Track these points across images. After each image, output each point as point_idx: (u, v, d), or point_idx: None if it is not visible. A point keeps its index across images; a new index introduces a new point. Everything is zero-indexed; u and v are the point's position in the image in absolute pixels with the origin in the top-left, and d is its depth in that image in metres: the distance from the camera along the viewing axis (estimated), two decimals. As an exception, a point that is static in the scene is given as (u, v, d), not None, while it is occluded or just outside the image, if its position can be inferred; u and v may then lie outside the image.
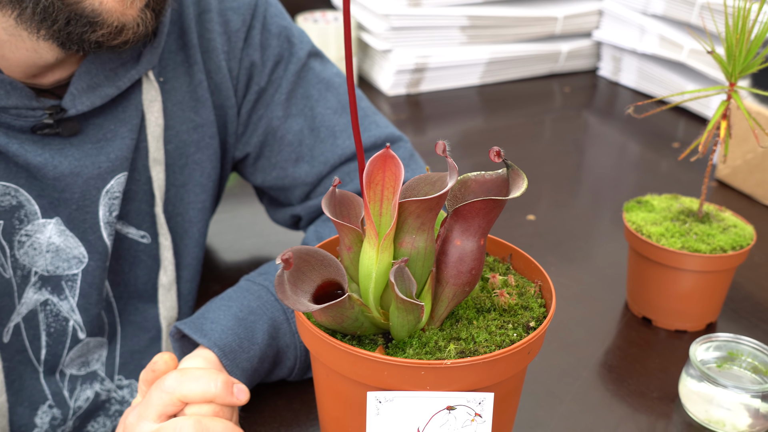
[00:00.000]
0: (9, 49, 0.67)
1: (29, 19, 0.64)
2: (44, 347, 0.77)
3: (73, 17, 0.63)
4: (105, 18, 0.64)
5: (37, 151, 0.70)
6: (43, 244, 0.74)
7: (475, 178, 0.61)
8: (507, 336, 0.59)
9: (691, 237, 0.81)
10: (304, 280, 0.57)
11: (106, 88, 0.72)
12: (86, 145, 0.73)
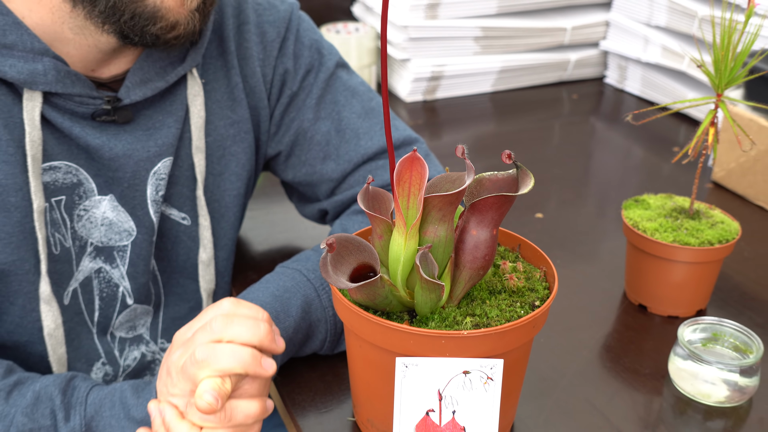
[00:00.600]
0: (74, 47, 0.78)
1: (98, 15, 0.74)
2: (97, 310, 0.87)
3: (137, 13, 0.74)
4: (163, 14, 0.74)
5: (95, 134, 0.80)
6: (98, 218, 0.84)
7: (489, 177, 0.70)
8: (515, 312, 0.68)
9: (682, 232, 0.91)
10: (342, 263, 0.67)
11: (156, 82, 0.82)
12: (138, 131, 0.83)
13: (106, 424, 0.73)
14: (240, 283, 0.99)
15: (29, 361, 0.84)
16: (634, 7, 1.67)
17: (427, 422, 0.67)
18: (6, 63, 0.74)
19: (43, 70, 0.75)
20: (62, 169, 0.80)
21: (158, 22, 0.74)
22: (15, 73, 0.74)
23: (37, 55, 0.75)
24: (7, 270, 0.78)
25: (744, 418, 0.81)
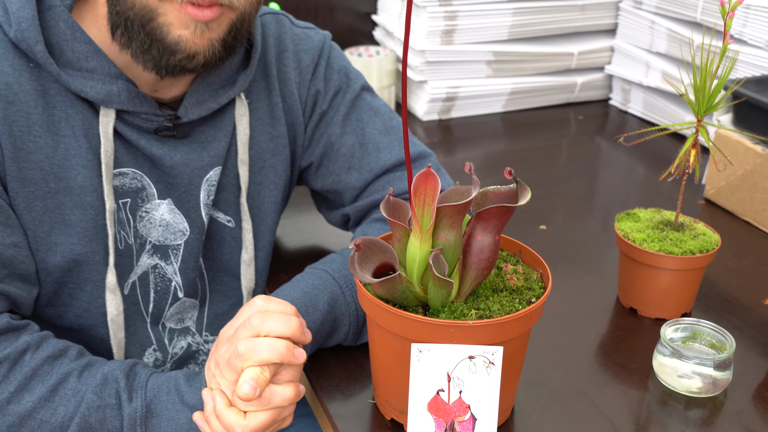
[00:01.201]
0: (137, 73, 0.91)
1: (137, 54, 0.86)
2: (152, 302, 0.99)
3: (162, 48, 0.85)
4: (182, 46, 0.85)
5: (158, 146, 0.93)
6: (157, 219, 0.96)
7: (492, 190, 0.82)
8: (514, 307, 0.79)
9: (667, 242, 1.02)
10: (367, 262, 0.78)
11: (209, 103, 0.95)
12: (193, 144, 0.95)
13: (163, 407, 0.84)
14: (272, 283, 1.11)
15: (92, 343, 0.96)
16: (637, 35, 1.79)
17: (437, 401, 0.78)
18: (87, 84, 0.86)
19: (117, 91, 0.88)
20: (129, 175, 0.93)
21: (179, 53, 0.85)
22: (95, 93, 0.87)
23: (112, 78, 0.88)
24: (81, 260, 0.90)
25: (720, 407, 0.91)
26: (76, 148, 0.88)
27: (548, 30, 1.84)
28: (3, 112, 0.84)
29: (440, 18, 1.71)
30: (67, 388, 0.83)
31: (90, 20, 0.89)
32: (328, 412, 0.89)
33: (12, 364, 0.82)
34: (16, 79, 0.85)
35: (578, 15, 1.84)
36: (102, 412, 0.83)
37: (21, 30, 0.84)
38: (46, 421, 0.82)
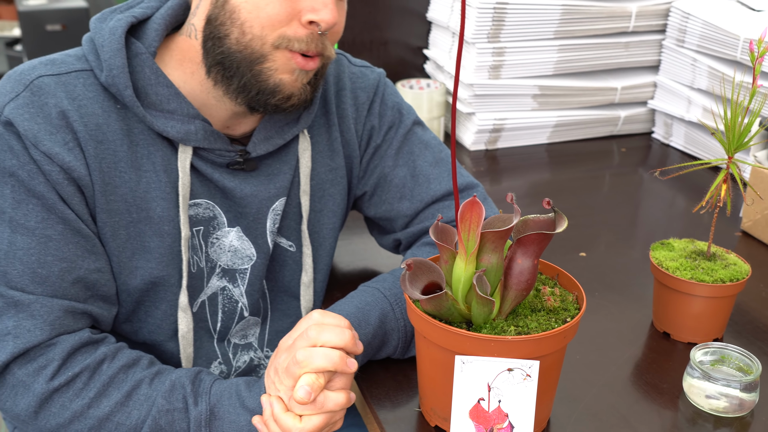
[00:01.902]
0: (215, 111, 1.00)
1: (233, 91, 0.96)
2: (219, 321, 1.08)
3: (262, 89, 0.95)
4: (281, 89, 0.95)
5: (230, 179, 1.02)
6: (227, 245, 1.06)
7: (532, 219, 0.90)
8: (550, 325, 0.87)
9: (698, 271, 1.08)
10: (417, 280, 0.87)
11: (276, 139, 1.04)
12: (261, 177, 1.05)
13: (225, 410, 0.93)
14: (328, 300, 1.20)
15: (163, 357, 1.05)
16: (679, 71, 1.85)
17: (478, 409, 0.85)
18: (168, 124, 0.96)
19: (194, 130, 0.97)
20: (203, 206, 1.02)
21: (277, 95, 0.95)
22: (175, 132, 0.97)
23: (191, 118, 0.98)
24: (157, 282, 1.00)
25: (746, 427, 0.96)
26: (156, 182, 0.98)
27: (592, 66, 1.91)
28: (94, 150, 0.93)
29: (488, 54, 1.80)
30: (140, 393, 0.92)
31: (174, 64, 0.99)
32: (378, 419, 0.97)
33: (91, 372, 0.92)
34: (105, 120, 0.94)
35: (622, 51, 1.91)
36: (171, 415, 0.92)
37: (112, 76, 0.93)
38: (122, 423, 0.91)
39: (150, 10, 0.99)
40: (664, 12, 1.88)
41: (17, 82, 0.93)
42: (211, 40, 0.95)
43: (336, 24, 0.96)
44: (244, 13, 0.92)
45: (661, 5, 1.88)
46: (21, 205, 0.91)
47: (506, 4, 1.76)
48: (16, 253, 0.91)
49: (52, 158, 0.91)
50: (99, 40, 0.95)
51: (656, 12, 1.88)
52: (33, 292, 0.91)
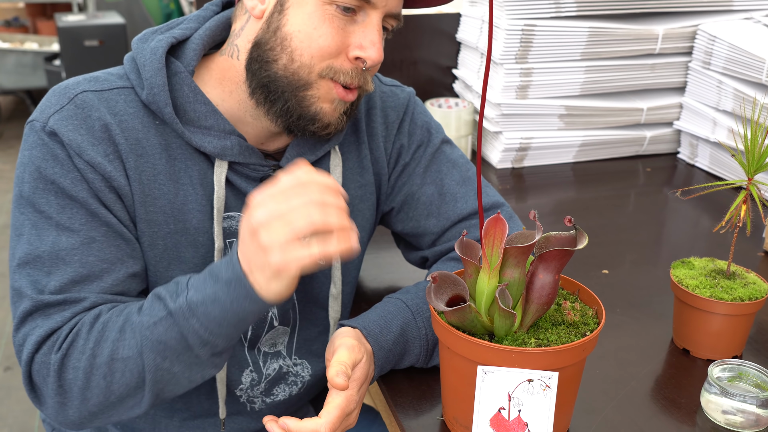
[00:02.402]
0: (251, 128, 1.05)
1: (273, 114, 1.01)
2: (250, 330, 1.12)
3: (302, 115, 1.00)
4: (320, 117, 1.00)
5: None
6: None
7: (554, 235, 0.93)
8: (570, 339, 0.90)
9: (718, 289, 1.10)
10: (442, 293, 0.91)
11: (308, 155, 1.08)
12: None
13: (202, 292, 0.88)
14: (355, 311, 1.24)
15: None
16: (705, 93, 1.87)
17: (499, 418, 0.89)
18: (206, 140, 1.01)
19: (230, 145, 1.02)
20: (236, 218, 1.06)
21: (316, 123, 1.00)
22: (212, 147, 1.01)
23: (226, 134, 1.02)
24: None
25: (763, 443, 0.99)
26: (193, 194, 1.02)
27: (619, 87, 1.94)
28: (134, 162, 0.98)
29: (516, 74, 1.83)
30: (130, 323, 0.91)
31: (213, 82, 1.04)
32: (402, 427, 1.00)
33: (89, 327, 0.92)
34: (144, 135, 0.99)
35: (648, 73, 1.94)
36: (159, 326, 0.89)
37: (153, 93, 0.98)
38: (126, 357, 0.90)
39: (189, 31, 1.04)
40: (690, 34, 1.91)
41: (61, 95, 0.98)
42: (258, 63, 0.99)
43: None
44: (296, 41, 0.97)
45: (687, 28, 1.90)
46: (65, 210, 0.95)
47: (534, 26, 1.80)
48: (59, 254, 0.94)
49: (94, 167, 0.95)
50: (141, 60, 1.00)
51: (683, 34, 1.91)
52: (66, 292, 0.93)
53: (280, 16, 0.98)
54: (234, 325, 0.90)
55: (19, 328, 0.94)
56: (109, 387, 0.91)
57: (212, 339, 0.90)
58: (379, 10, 0.98)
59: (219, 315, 0.88)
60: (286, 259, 0.83)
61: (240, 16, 1.04)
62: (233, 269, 0.88)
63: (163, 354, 0.90)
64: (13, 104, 5.95)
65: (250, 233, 0.85)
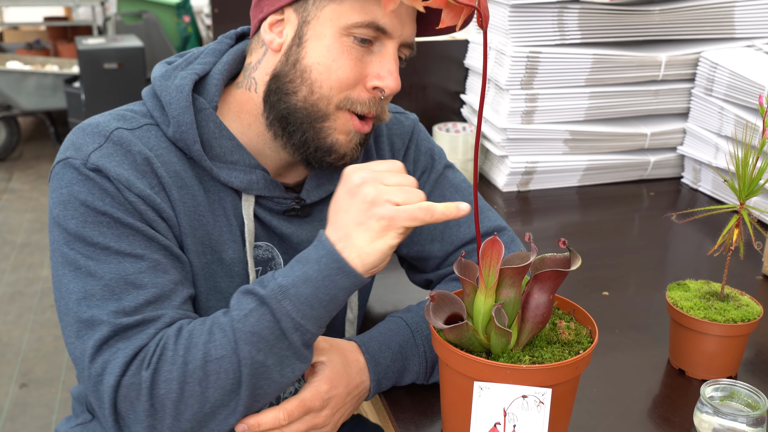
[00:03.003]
0: (269, 161, 1.09)
1: (292, 146, 1.05)
2: None
3: (319, 146, 1.04)
4: (336, 148, 1.04)
5: (286, 225, 1.11)
6: None
7: (549, 257, 0.97)
8: (564, 356, 0.94)
9: (711, 311, 1.14)
10: (440, 311, 0.94)
11: (327, 186, 1.13)
12: (314, 222, 1.13)
13: (293, 274, 0.91)
14: (360, 330, 1.28)
15: None
16: (707, 119, 1.91)
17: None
18: (232, 175, 1.04)
19: (256, 179, 1.06)
20: (263, 248, 1.10)
21: (332, 154, 1.04)
22: (238, 182, 1.05)
23: (252, 169, 1.06)
24: None
25: (754, 462, 1.01)
26: (227, 225, 1.05)
27: (623, 112, 1.98)
28: (177, 194, 1.00)
29: (521, 100, 1.88)
30: (218, 324, 0.92)
31: (231, 116, 1.08)
32: (403, 441, 1.04)
33: (175, 338, 0.91)
34: (182, 167, 1.02)
35: (652, 99, 1.98)
36: (250, 317, 0.90)
37: (181, 131, 1.01)
38: (219, 356, 0.90)
39: (208, 66, 1.07)
40: (693, 62, 1.95)
41: (96, 134, 0.98)
42: (276, 95, 1.03)
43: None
44: (315, 73, 1.00)
45: (690, 55, 1.95)
46: (123, 237, 0.94)
47: (539, 53, 1.84)
48: (127, 278, 0.93)
49: (144, 200, 0.96)
50: (166, 98, 1.02)
51: (685, 62, 1.95)
52: (142, 313, 0.92)
53: (298, 48, 1.02)
54: (325, 305, 0.91)
55: (95, 357, 0.91)
56: (204, 394, 0.90)
57: (304, 323, 0.91)
58: (394, 40, 1.02)
59: (311, 294, 0.90)
60: (395, 210, 0.88)
61: (256, 50, 1.08)
62: (323, 246, 0.91)
63: (258, 345, 0.90)
64: (33, 125, 6.07)
65: (350, 193, 0.90)
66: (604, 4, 1.89)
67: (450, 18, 0.78)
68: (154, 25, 5.66)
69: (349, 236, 0.90)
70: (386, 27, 1.00)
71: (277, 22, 1.04)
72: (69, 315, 0.93)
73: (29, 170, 5.13)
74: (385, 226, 0.89)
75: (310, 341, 0.94)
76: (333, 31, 1.00)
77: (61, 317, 0.95)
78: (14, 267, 3.74)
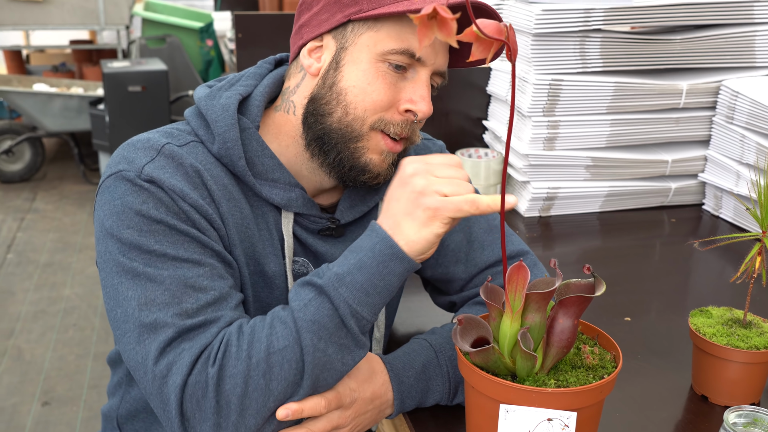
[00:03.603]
0: (306, 182, 1.13)
1: (327, 165, 1.08)
2: None
3: (354, 165, 1.07)
4: (371, 168, 1.08)
5: (321, 244, 1.14)
6: None
7: (573, 283, 0.99)
8: (588, 381, 0.95)
9: (734, 337, 1.15)
10: (467, 334, 0.96)
11: (360, 206, 1.16)
12: (347, 242, 1.16)
13: (348, 262, 0.94)
14: (385, 351, 1.30)
15: None
16: (729, 146, 1.93)
17: (520, 455, 0.94)
18: (273, 192, 1.08)
19: (295, 197, 1.10)
20: (299, 263, 1.13)
21: (367, 173, 1.08)
22: (279, 199, 1.09)
23: (291, 187, 1.10)
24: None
25: (777, 488, 1.02)
26: (269, 239, 1.09)
27: (644, 139, 2.00)
28: (226, 206, 1.04)
29: (543, 126, 1.90)
30: (279, 317, 0.95)
31: (271, 137, 1.12)
32: (428, 463, 1.06)
33: (237, 335, 0.94)
34: (229, 181, 1.06)
35: (673, 126, 1.99)
36: (310, 307, 0.93)
37: (227, 148, 1.05)
38: (282, 347, 0.92)
39: (250, 88, 1.11)
40: (714, 90, 1.97)
41: (148, 148, 1.02)
42: (313, 116, 1.07)
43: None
44: (351, 95, 1.04)
45: (711, 84, 1.96)
46: (179, 244, 0.97)
47: (561, 80, 1.87)
48: (186, 282, 0.96)
49: (197, 209, 1.00)
50: (212, 116, 1.07)
51: (706, 90, 1.97)
52: (204, 314, 0.95)
53: (335, 72, 1.06)
54: (380, 292, 0.94)
55: (159, 359, 0.93)
56: (269, 386, 0.92)
57: (360, 309, 0.94)
58: (428, 67, 1.06)
59: (366, 281, 0.93)
60: (442, 201, 0.92)
61: (294, 74, 1.12)
62: (376, 234, 0.95)
63: (318, 334, 0.93)
64: (57, 146, 6.16)
65: (402, 183, 0.95)
66: (625, 33, 1.91)
67: (480, 51, 0.80)
68: (178, 48, 5.75)
69: (399, 224, 0.94)
70: (420, 55, 1.04)
71: (316, 48, 1.08)
72: (128, 322, 0.95)
73: (53, 190, 5.21)
74: (431, 216, 0.93)
75: (366, 327, 0.97)
76: (369, 57, 1.04)
77: (117, 325, 0.97)
78: (37, 286, 3.79)
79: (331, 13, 1.06)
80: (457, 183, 0.95)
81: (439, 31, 0.73)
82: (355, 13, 1.04)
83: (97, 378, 3.04)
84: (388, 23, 1.03)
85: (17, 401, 2.87)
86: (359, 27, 1.05)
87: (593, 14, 1.83)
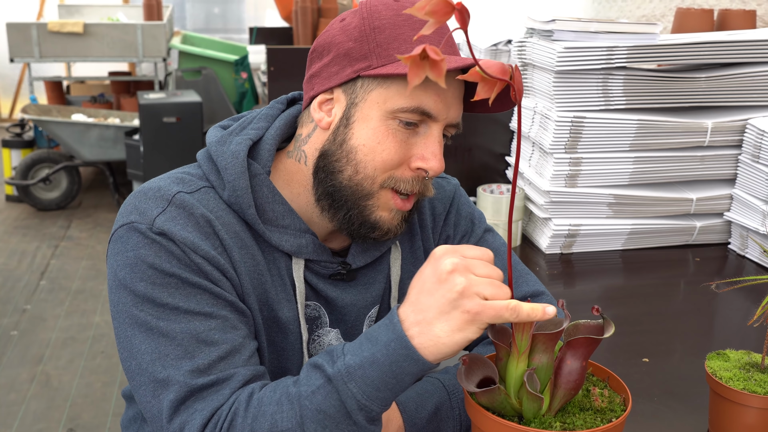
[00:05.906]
0: (318, 227, 1.13)
1: (338, 221, 1.08)
2: None
3: (363, 222, 1.07)
4: (380, 225, 1.08)
5: (332, 289, 1.14)
6: (326, 343, 1.17)
7: (583, 324, 0.98)
8: (595, 424, 0.94)
9: (751, 382, 1.12)
10: (473, 374, 0.96)
11: (373, 251, 1.16)
12: (359, 287, 1.16)
13: (358, 353, 0.91)
14: (397, 388, 1.29)
15: None
16: (755, 185, 1.90)
17: (525, 498, 0.92)
18: (283, 239, 1.09)
19: (305, 243, 1.10)
20: (311, 307, 1.14)
21: (376, 230, 1.08)
22: (289, 246, 1.09)
23: (302, 233, 1.10)
24: (283, 368, 1.12)
25: None
26: (281, 286, 1.10)
27: (668, 177, 1.98)
28: (238, 254, 1.05)
29: (566, 164, 1.90)
30: (288, 395, 0.94)
31: (282, 183, 1.12)
32: (435, 503, 1.04)
33: (246, 404, 0.94)
34: (240, 228, 1.06)
35: (698, 165, 1.98)
36: (318, 394, 0.91)
37: (236, 195, 1.05)
38: (287, 428, 0.92)
39: (261, 131, 1.11)
40: (739, 128, 1.95)
41: (159, 198, 1.02)
42: (324, 172, 1.07)
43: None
44: (361, 154, 1.04)
45: (736, 122, 1.95)
46: (191, 297, 0.98)
47: (583, 118, 1.87)
48: (198, 336, 0.96)
49: (209, 261, 1.00)
50: (222, 163, 1.07)
51: (732, 128, 1.95)
52: (216, 371, 0.96)
53: (346, 129, 1.06)
54: (391, 389, 0.91)
55: (173, 417, 0.94)
56: None
57: (369, 404, 0.91)
58: (440, 122, 1.05)
59: (377, 378, 0.90)
60: (482, 305, 0.86)
61: (307, 123, 1.12)
62: (393, 330, 0.90)
63: (323, 423, 0.91)
64: (93, 174, 6.28)
65: (438, 278, 0.88)
66: (649, 71, 1.91)
67: (485, 91, 0.81)
68: (213, 80, 5.85)
69: (430, 323, 0.88)
70: (432, 111, 1.03)
71: (327, 101, 1.08)
72: (143, 375, 0.96)
73: (87, 218, 5.30)
74: (468, 320, 0.87)
75: (376, 417, 0.95)
76: (379, 114, 1.03)
77: (132, 377, 0.99)
78: (68, 313, 3.84)
79: (341, 66, 1.05)
80: (497, 285, 0.89)
81: (430, 71, 0.74)
82: (364, 69, 1.03)
83: (121, 406, 3.06)
84: (398, 80, 1.02)
85: (43, 427, 2.90)
86: (369, 83, 1.04)
87: (616, 52, 1.83)
